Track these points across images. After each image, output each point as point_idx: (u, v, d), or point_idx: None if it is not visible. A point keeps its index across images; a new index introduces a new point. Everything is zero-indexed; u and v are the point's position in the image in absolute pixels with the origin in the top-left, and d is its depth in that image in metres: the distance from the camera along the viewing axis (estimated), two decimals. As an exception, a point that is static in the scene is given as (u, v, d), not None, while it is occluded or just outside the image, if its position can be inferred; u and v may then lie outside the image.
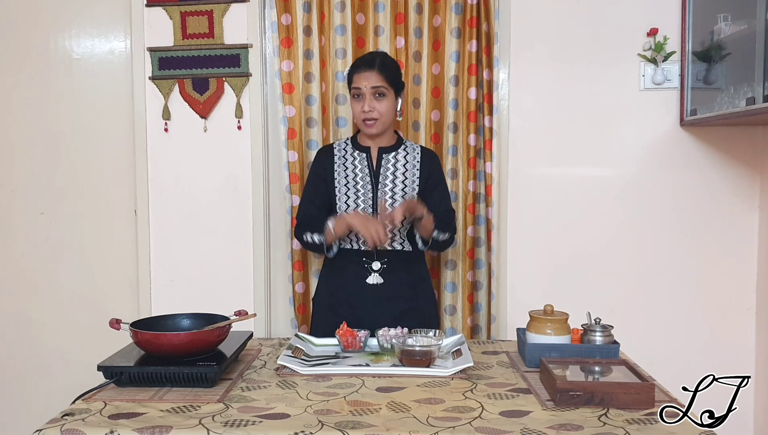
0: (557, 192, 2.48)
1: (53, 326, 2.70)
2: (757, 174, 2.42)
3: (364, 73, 1.97)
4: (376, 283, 1.99)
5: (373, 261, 2.00)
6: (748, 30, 1.96)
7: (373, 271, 2.00)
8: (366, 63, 2.00)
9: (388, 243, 2.00)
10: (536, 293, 2.43)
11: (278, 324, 2.61)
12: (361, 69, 1.99)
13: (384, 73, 1.97)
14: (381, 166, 2.05)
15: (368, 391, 1.44)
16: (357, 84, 1.98)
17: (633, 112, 2.43)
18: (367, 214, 1.99)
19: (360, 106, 1.98)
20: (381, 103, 1.97)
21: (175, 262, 2.58)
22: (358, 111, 1.99)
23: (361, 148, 2.08)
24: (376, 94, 1.96)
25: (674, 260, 2.46)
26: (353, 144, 2.10)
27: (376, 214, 1.98)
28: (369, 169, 2.05)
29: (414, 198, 2.01)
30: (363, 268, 2.00)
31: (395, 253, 2.02)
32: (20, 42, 2.63)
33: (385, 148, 2.07)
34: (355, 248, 2.02)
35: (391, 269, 2.00)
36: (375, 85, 1.95)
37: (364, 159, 2.06)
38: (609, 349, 1.61)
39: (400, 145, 2.08)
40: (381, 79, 1.96)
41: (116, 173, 2.62)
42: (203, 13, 2.49)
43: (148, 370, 1.46)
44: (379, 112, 1.97)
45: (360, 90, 1.97)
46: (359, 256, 2.01)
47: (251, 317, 1.67)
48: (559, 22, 2.43)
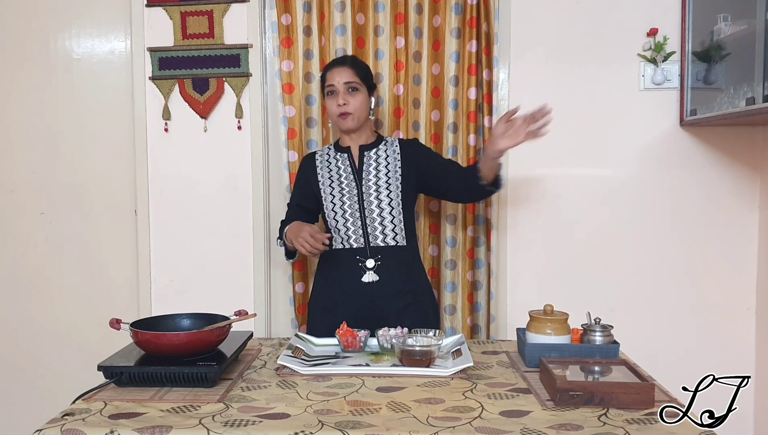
0: (557, 192, 2.48)
1: (53, 326, 2.70)
2: (757, 174, 2.42)
3: (337, 69, 2.05)
4: (371, 280, 2.00)
5: (366, 259, 2.01)
6: (748, 30, 1.96)
7: (367, 269, 2.00)
8: (338, 61, 2.12)
9: (381, 239, 2.02)
10: (536, 293, 2.43)
11: (278, 324, 2.61)
12: (334, 66, 2.08)
13: (356, 68, 2.06)
14: (363, 164, 2.07)
15: (368, 391, 1.44)
16: (330, 81, 2.04)
17: (633, 112, 2.43)
18: (354, 210, 2.02)
19: (334, 101, 2.03)
20: (355, 97, 2.03)
21: (175, 262, 2.58)
22: (333, 107, 2.04)
23: (342, 149, 2.11)
24: (349, 89, 2.03)
25: (674, 260, 2.46)
26: (335, 148, 2.14)
27: (363, 211, 2.02)
28: (352, 167, 2.07)
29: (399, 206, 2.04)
30: (357, 267, 2.01)
31: (388, 249, 2.02)
32: (20, 42, 2.63)
33: (366, 145, 2.09)
34: (347, 247, 2.03)
35: (386, 266, 2.01)
36: (348, 81, 2.02)
37: (346, 159, 2.09)
38: (609, 349, 1.61)
39: (380, 142, 2.11)
40: (353, 75, 2.03)
41: (116, 173, 2.62)
42: (203, 13, 2.49)
43: (148, 370, 1.46)
44: (354, 107, 2.02)
45: (333, 86, 2.03)
46: (352, 255, 2.02)
47: (251, 317, 1.67)
48: (558, 23, 2.43)
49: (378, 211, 2.02)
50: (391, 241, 2.03)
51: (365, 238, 2.02)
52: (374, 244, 2.01)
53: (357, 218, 2.02)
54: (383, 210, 2.02)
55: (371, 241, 2.02)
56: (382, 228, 2.02)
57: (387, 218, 2.02)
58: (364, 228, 2.02)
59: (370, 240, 2.02)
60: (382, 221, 2.02)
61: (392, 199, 2.03)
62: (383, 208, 2.02)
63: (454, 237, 2.44)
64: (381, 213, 2.02)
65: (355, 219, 2.02)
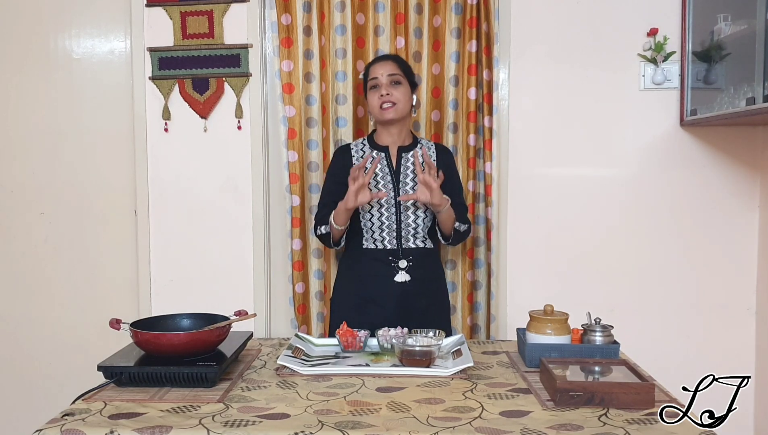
0: (557, 192, 2.48)
1: (53, 326, 2.70)
2: (757, 174, 2.42)
3: (380, 63, 2.08)
4: (404, 280, 2.02)
5: (399, 259, 2.03)
6: (748, 30, 1.96)
7: (400, 269, 2.02)
8: (382, 57, 2.15)
9: (413, 241, 2.05)
10: (536, 293, 2.43)
11: (278, 324, 2.61)
12: (378, 61, 2.11)
13: (399, 63, 2.09)
14: (401, 166, 2.07)
15: (368, 391, 1.44)
16: (374, 74, 2.06)
17: (633, 112, 2.43)
18: (390, 213, 2.03)
19: (377, 94, 2.03)
20: (398, 90, 2.04)
21: (175, 262, 2.58)
22: (376, 99, 2.03)
23: (379, 147, 2.10)
24: (392, 82, 2.03)
25: (674, 260, 2.46)
26: (370, 143, 2.12)
27: (400, 215, 2.03)
28: (389, 168, 2.07)
29: None
30: (390, 267, 2.03)
31: (419, 251, 2.06)
32: (20, 42, 2.63)
33: (404, 147, 2.10)
34: (380, 248, 2.05)
35: (416, 266, 2.04)
36: (391, 73, 2.04)
37: (383, 158, 2.08)
38: (609, 349, 1.61)
39: (417, 144, 2.12)
40: (396, 68, 2.05)
41: (116, 173, 2.62)
42: (203, 13, 2.49)
43: (148, 370, 1.46)
44: (396, 98, 2.02)
45: (377, 79, 2.04)
46: (385, 256, 2.04)
47: (251, 317, 1.67)
48: (559, 22, 2.43)
49: (413, 216, 2.04)
50: (420, 244, 2.06)
51: (398, 239, 2.04)
52: (406, 245, 2.04)
53: (393, 221, 2.03)
54: (418, 214, 2.04)
55: (404, 243, 2.04)
56: (415, 231, 2.04)
57: (420, 222, 2.04)
58: (398, 230, 2.03)
59: (403, 242, 2.04)
60: (416, 224, 2.04)
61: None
62: (419, 213, 2.04)
63: (454, 237, 2.44)
64: (416, 218, 2.04)
65: (390, 221, 2.03)
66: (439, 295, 2.16)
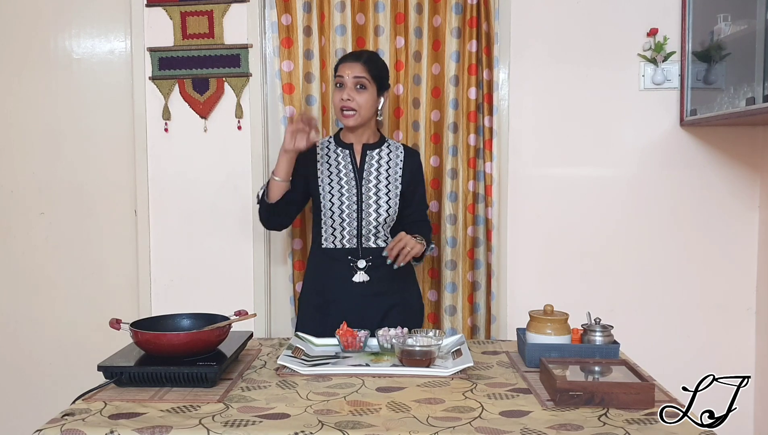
0: (557, 192, 2.48)
1: (53, 326, 2.70)
2: (757, 174, 2.42)
3: (349, 63, 2.01)
4: (362, 280, 2.00)
5: (358, 259, 2.01)
6: (748, 30, 1.96)
7: (358, 269, 2.01)
8: (353, 55, 2.07)
9: (373, 241, 2.02)
10: (536, 293, 2.43)
11: (278, 324, 2.61)
12: (348, 60, 2.03)
13: (368, 66, 2.00)
14: (365, 163, 2.05)
15: (368, 391, 1.44)
16: (340, 73, 2.00)
17: (633, 112, 2.43)
18: (351, 211, 2.01)
19: (340, 95, 1.99)
20: (361, 95, 1.98)
21: (175, 262, 2.58)
22: (338, 100, 2.00)
23: (343, 144, 2.08)
24: (357, 86, 1.98)
25: (674, 260, 2.46)
26: (336, 141, 2.10)
27: (361, 213, 2.00)
28: (353, 165, 2.05)
29: (396, 209, 2.03)
30: (348, 267, 2.01)
31: (379, 250, 2.02)
32: (20, 42, 2.63)
33: (369, 144, 2.07)
34: (338, 247, 2.03)
35: (376, 266, 2.01)
36: (357, 75, 1.97)
37: (347, 155, 2.06)
38: (609, 349, 1.61)
39: (383, 143, 2.10)
40: (364, 71, 1.98)
41: (116, 173, 2.62)
42: (203, 13, 2.49)
43: (148, 370, 1.46)
44: (358, 104, 1.98)
45: (342, 78, 1.99)
46: (344, 255, 2.02)
47: (251, 317, 1.67)
48: (559, 22, 2.44)
49: (375, 214, 2.02)
50: (381, 243, 2.03)
51: (359, 238, 2.02)
52: (366, 245, 2.02)
53: (353, 219, 2.01)
54: (380, 213, 2.02)
55: (364, 242, 2.02)
56: (376, 230, 2.02)
57: (382, 221, 2.02)
58: (359, 229, 2.02)
59: (363, 241, 2.02)
60: (377, 223, 2.02)
61: (390, 200, 2.03)
62: (380, 211, 2.02)
63: (454, 237, 2.44)
64: (378, 216, 2.02)
65: (351, 219, 2.01)
66: (406, 296, 2.09)
